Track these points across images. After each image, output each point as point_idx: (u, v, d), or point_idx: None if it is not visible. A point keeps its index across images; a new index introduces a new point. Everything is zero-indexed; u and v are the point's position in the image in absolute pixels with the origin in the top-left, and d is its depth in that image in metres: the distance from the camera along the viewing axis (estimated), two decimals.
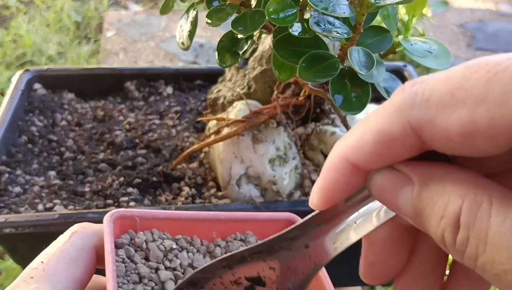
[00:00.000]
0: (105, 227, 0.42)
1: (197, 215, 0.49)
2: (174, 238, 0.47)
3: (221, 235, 0.50)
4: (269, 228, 0.51)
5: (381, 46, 0.60)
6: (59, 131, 0.86)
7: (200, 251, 0.48)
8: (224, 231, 0.50)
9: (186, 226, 0.48)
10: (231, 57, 0.65)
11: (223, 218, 0.50)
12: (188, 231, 0.48)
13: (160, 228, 0.47)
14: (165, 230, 0.47)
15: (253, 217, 0.52)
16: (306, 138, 0.74)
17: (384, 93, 0.63)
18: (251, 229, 0.51)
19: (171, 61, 2.10)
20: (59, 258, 0.39)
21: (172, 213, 0.49)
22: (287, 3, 0.57)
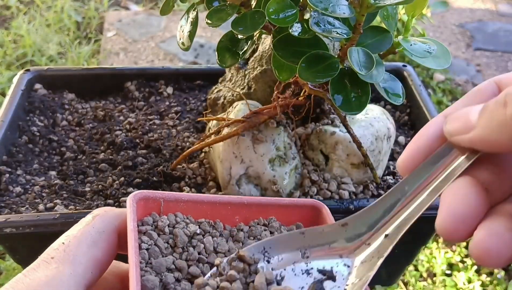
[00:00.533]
0: (128, 206, 0.41)
1: (220, 198, 0.48)
2: (197, 221, 0.46)
3: (244, 220, 0.49)
4: (293, 215, 0.50)
5: (381, 46, 0.60)
6: (60, 131, 0.86)
7: (223, 235, 0.47)
8: (247, 215, 0.49)
9: (209, 210, 0.47)
10: (231, 57, 0.65)
11: (246, 202, 0.49)
12: (211, 215, 0.47)
13: (183, 211, 0.46)
14: (188, 213, 0.46)
15: (277, 202, 0.51)
16: (306, 138, 0.74)
17: (383, 93, 0.63)
18: (274, 215, 0.50)
19: (171, 61, 2.10)
20: (81, 240, 0.39)
21: (195, 196, 0.48)
22: (287, 4, 0.58)
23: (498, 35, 2.49)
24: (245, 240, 0.48)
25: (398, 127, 0.91)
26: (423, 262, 1.38)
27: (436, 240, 1.45)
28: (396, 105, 0.91)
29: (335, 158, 0.72)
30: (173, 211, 0.45)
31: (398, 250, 0.80)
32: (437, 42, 0.63)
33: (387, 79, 0.65)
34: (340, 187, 0.72)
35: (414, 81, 0.93)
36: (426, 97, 0.89)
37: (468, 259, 1.39)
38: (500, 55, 2.33)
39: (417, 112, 0.89)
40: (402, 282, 1.34)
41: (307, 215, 0.52)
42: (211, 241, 0.45)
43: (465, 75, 2.17)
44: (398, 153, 0.83)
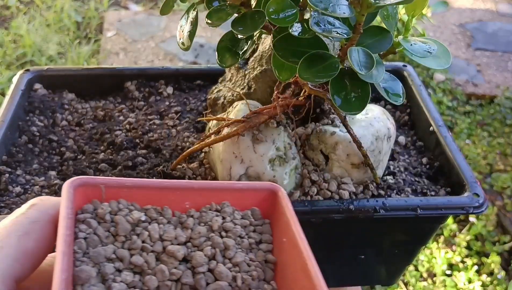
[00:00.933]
0: (63, 193, 0.39)
1: (168, 183, 0.46)
2: (143, 208, 0.44)
3: (195, 206, 0.47)
4: (248, 199, 0.48)
5: (381, 46, 0.60)
6: (60, 131, 0.86)
7: (171, 222, 0.45)
8: (199, 201, 0.47)
9: (156, 196, 0.45)
10: (231, 57, 0.65)
11: (197, 187, 0.47)
12: (158, 201, 0.45)
13: (128, 197, 0.44)
14: (134, 200, 0.44)
15: (230, 186, 0.49)
16: (306, 138, 0.74)
17: (383, 93, 0.63)
18: (228, 199, 0.48)
19: (171, 61, 2.10)
20: (10, 231, 0.37)
21: (140, 181, 0.45)
22: (287, 3, 0.58)
23: (498, 35, 2.49)
24: (195, 226, 0.46)
25: (398, 127, 0.91)
26: (423, 262, 1.38)
27: (436, 240, 1.45)
28: (396, 105, 0.91)
29: (335, 158, 0.72)
30: (117, 197, 0.43)
31: (398, 250, 0.80)
32: (437, 42, 0.63)
33: (387, 79, 0.65)
34: (340, 187, 0.72)
35: (414, 81, 0.93)
36: (426, 97, 0.89)
37: (469, 259, 1.39)
38: (500, 55, 2.33)
39: (417, 112, 0.89)
40: (402, 282, 1.34)
41: (263, 199, 0.49)
42: (157, 229, 0.43)
43: (465, 75, 2.17)
44: (398, 153, 0.83)
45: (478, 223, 1.47)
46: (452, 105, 1.98)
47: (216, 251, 0.45)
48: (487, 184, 1.64)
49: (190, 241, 0.45)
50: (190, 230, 0.45)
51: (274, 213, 0.50)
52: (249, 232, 0.49)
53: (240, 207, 0.48)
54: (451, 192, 0.76)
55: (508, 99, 2.02)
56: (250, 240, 0.48)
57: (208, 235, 0.46)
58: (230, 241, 0.46)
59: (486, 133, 1.86)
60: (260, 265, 0.47)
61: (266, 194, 0.49)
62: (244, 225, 0.48)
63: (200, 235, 0.45)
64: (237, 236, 0.47)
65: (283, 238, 0.47)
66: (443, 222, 0.77)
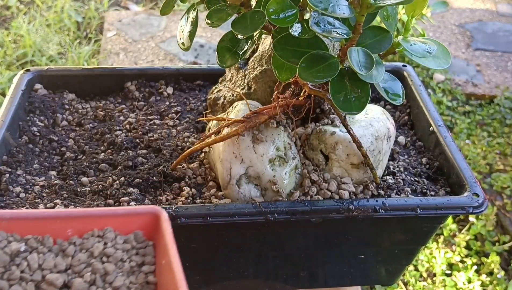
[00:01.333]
0: None
1: (48, 213, 0.48)
2: (23, 238, 0.46)
3: (78, 233, 0.49)
4: (131, 223, 0.51)
5: (381, 46, 0.60)
6: (60, 131, 0.86)
7: (52, 251, 0.47)
8: (81, 228, 0.49)
9: (37, 226, 0.47)
10: (231, 57, 0.65)
11: (77, 215, 0.49)
12: (39, 231, 0.47)
13: (8, 229, 0.45)
14: (14, 231, 0.46)
15: (112, 212, 0.51)
16: (306, 138, 0.74)
17: (383, 93, 0.63)
18: (110, 225, 0.50)
19: (171, 61, 2.11)
20: None
21: (19, 213, 0.47)
22: (287, 4, 0.58)
23: (498, 35, 2.49)
24: (76, 253, 0.48)
25: (398, 127, 0.91)
26: (423, 262, 1.38)
27: (436, 240, 1.45)
28: (396, 105, 0.91)
29: (335, 158, 0.72)
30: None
31: (398, 250, 0.81)
32: (437, 42, 0.63)
33: (387, 79, 0.65)
34: (340, 187, 0.72)
35: (414, 81, 0.93)
36: (426, 97, 0.89)
37: (468, 259, 1.40)
38: (500, 55, 2.33)
39: (417, 112, 0.89)
40: (402, 282, 1.34)
41: (146, 222, 0.52)
42: (36, 258, 0.45)
43: (465, 75, 2.17)
44: (398, 153, 0.83)
45: (478, 223, 1.47)
46: (451, 105, 1.98)
47: (96, 277, 0.47)
48: (486, 184, 1.64)
49: (71, 268, 0.47)
50: (70, 258, 0.47)
51: (157, 235, 0.52)
52: (131, 255, 0.51)
53: (123, 231, 0.51)
54: (450, 192, 0.76)
55: (508, 99, 2.02)
56: (131, 263, 0.50)
57: (88, 262, 0.48)
58: (110, 266, 0.48)
59: (486, 133, 1.86)
60: (141, 287, 0.49)
61: (150, 218, 0.52)
62: (126, 249, 0.51)
63: (80, 262, 0.48)
64: (118, 261, 0.49)
65: (162, 261, 0.50)
66: (443, 222, 0.77)
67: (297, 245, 0.76)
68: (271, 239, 0.74)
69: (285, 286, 0.83)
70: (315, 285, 0.83)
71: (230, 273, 0.78)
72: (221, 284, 0.80)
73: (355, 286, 0.91)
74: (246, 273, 0.79)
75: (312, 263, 0.79)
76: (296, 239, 0.75)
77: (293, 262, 0.79)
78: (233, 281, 0.80)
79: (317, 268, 0.80)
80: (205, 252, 0.74)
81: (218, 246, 0.74)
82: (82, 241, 0.49)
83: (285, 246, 0.76)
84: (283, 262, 0.78)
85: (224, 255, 0.75)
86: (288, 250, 0.76)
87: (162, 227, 0.51)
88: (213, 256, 0.75)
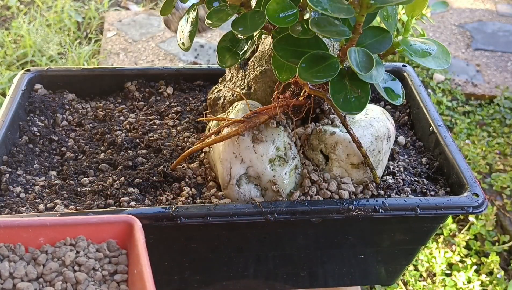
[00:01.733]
0: None
1: (19, 222, 0.48)
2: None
3: (50, 241, 0.49)
4: (104, 232, 0.51)
5: (381, 46, 0.60)
6: (60, 131, 0.86)
7: (24, 259, 0.47)
8: (53, 236, 0.49)
9: (9, 234, 0.47)
10: (231, 57, 0.65)
11: (49, 224, 0.49)
12: (11, 239, 0.47)
13: None
14: None
15: (85, 221, 0.51)
16: (306, 138, 0.74)
17: (383, 93, 0.63)
18: (84, 234, 0.51)
19: (171, 61, 2.11)
20: None
21: None
22: (287, 4, 0.58)
23: (498, 35, 2.49)
24: (47, 262, 0.48)
25: (398, 127, 0.91)
26: (423, 262, 1.38)
27: (436, 240, 1.45)
28: (396, 105, 0.91)
29: (335, 158, 0.73)
30: None
31: (398, 250, 0.81)
32: (437, 42, 0.63)
33: (386, 80, 0.65)
34: (340, 187, 0.72)
35: (414, 81, 0.93)
36: (426, 97, 0.89)
37: (468, 259, 1.40)
38: (499, 55, 2.33)
39: (417, 112, 0.89)
40: (402, 282, 1.34)
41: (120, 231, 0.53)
42: (7, 267, 0.45)
43: (465, 75, 2.17)
44: (398, 153, 0.83)
45: (478, 223, 1.47)
46: (451, 105, 1.98)
47: (68, 286, 0.47)
48: (486, 184, 1.64)
49: (42, 276, 0.47)
50: (42, 266, 0.47)
51: (130, 244, 0.52)
52: (104, 264, 0.51)
53: (97, 240, 0.51)
54: (450, 192, 0.76)
55: (508, 99, 2.02)
56: (104, 272, 0.51)
57: (60, 270, 0.48)
58: (82, 275, 0.48)
59: (486, 133, 1.86)
60: None
61: (123, 226, 0.52)
62: (98, 257, 0.51)
63: (51, 271, 0.48)
64: (90, 269, 0.50)
65: (134, 270, 0.50)
66: (443, 222, 0.77)
67: (297, 245, 0.76)
68: (271, 239, 0.74)
69: (285, 286, 0.83)
70: (315, 285, 0.83)
71: (230, 273, 0.78)
72: (221, 284, 0.80)
73: (355, 286, 0.91)
74: (246, 273, 0.79)
75: (312, 263, 0.79)
76: (296, 239, 0.75)
77: (293, 262, 0.79)
78: (233, 281, 0.80)
79: (317, 268, 0.80)
80: (205, 252, 0.74)
81: (218, 246, 0.74)
82: (54, 250, 0.49)
83: (285, 246, 0.76)
84: (283, 262, 0.78)
85: (224, 255, 0.75)
86: (288, 250, 0.76)
87: (136, 236, 0.51)
88: (213, 256, 0.75)
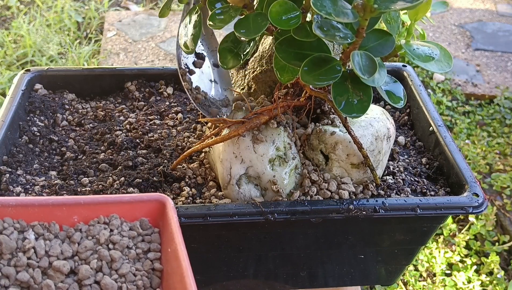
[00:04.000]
0: None
1: (53, 200, 0.49)
2: (29, 225, 0.46)
3: (84, 219, 0.50)
4: (137, 210, 0.51)
5: (383, 49, 0.60)
6: (60, 131, 0.86)
7: (58, 237, 0.47)
8: (87, 215, 0.50)
9: (43, 212, 0.47)
10: (233, 59, 0.65)
11: (83, 202, 0.50)
12: (45, 217, 0.47)
13: (13, 216, 0.46)
14: (20, 217, 0.46)
15: (118, 199, 0.52)
16: (306, 138, 0.75)
17: (385, 95, 0.63)
18: (117, 212, 0.51)
19: (171, 61, 2.10)
20: None
21: (25, 200, 0.47)
22: (290, 6, 0.57)
23: (498, 35, 2.49)
24: (82, 240, 0.48)
25: (398, 127, 0.91)
26: (423, 262, 1.38)
27: (436, 240, 1.45)
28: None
29: (335, 158, 0.73)
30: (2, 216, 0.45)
31: (398, 250, 0.81)
32: (439, 46, 0.63)
33: (388, 82, 0.65)
34: (340, 187, 0.72)
35: (414, 81, 0.93)
36: (426, 97, 0.89)
37: (468, 259, 1.40)
38: (499, 55, 2.33)
39: (416, 112, 0.90)
40: (402, 282, 1.34)
41: (152, 209, 0.53)
42: (43, 245, 0.45)
43: (465, 75, 2.17)
44: (398, 153, 0.83)
45: (478, 223, 1.47)
46: (451, 105, 1.98)
47: (103, 264, 0.48)
48: (486, 184, 1.64)
49: (77, 254, 0.48)
50: (77, 244, 0.48)
51: (163, 222, 0.53)
52: (137, 243, 0.51)
53: (129, 219, 0.51)
54: (450, 192, 0.76)
55: (508, 99, 2.02)
56: (137, 250, 0.51)
57: (95, 248, 0.49)
58: (116, 253, 0.49)
59: (486, 133, 1.86)
60: (147, 274, 0.49)
61: (155, 205, 0.52)
62: (132, 236, 0.51)
63: (86, 249, 0.48)
64: (124, 248, 0.50)
65: (168, 248, 0.50)
66: (443, 222, 0.77)
67: (297, 245, 0.76)
68: (271, 239, 0.74)
69: (285, 286, 0.83)
70: (315, 285, 0.83)
71: (230, 273, 0.78)
72: (221, 284, 0.80)
73: (355, 286, 0.91)
74: (246, 273, 0.79)
75: (312, 263, 0.79)
76: (296, 239, 0.75)
77: (293, 262, 0.79)
78: (233, 281, 0.80)
79: (317, 268, 0.80)
80: (205, 252, 0.74)
81: (218, 246, 0.74)
82: (88, 228, 0.49)
83: (285, 246, 0.76)
84: (283, 262, 0.79)
85: (224, 255, 0.75)
86: (288, 250, 0.76)
87: (168, 214, 0.51)
88: (213, 256, 0.75)
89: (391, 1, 0.51)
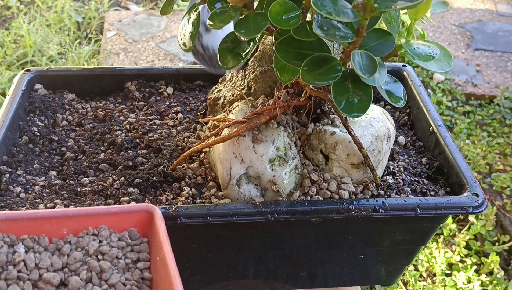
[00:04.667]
0: None
1: (42, 213, 0.49)
2: (19, 238, 0.47)
3: (73, 231, 0.50)
4: (125, 221, 0.52)
5: (383, 49, 0.60)
6: (60, 131, 0.86)
7: (48, 250, 0.48)
8: (76, 227, 0.51)
9: (32, 226, 0.48)
10: (233, 59, 0.65)
11: (72, 215, 0.50)
12: (35, 230, 0.48)
13: (3, 230, 0.46)
14: (10, 231, 0.47)
15: (106, 211, 0.53)
16: (306, 138, 0.75)
17: (385, 95, 0.63)
18: (105, 223, 0.52)
19: (171, 61, 2.10)
20: None
21: (13, 214, 0.48)
22: (290, 6, 0.57)
23: (498, 35, 2.49)
24: (71, 252, 0.49)
25: (398, 127, 0.91)
26: (423, 262, 1.38)
27: (436, 240, 1.45)
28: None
29: (335, 158, 0.73)
30: None
31: (398, 250, 0.81)
32: (439, 45, 0.63)
33: (388, 82, 0.65)
34: (340, 187, 0.72)
35: (414, 81, 0.93)
36: (426, 97, 0.89)
37: (468, 259, 1.40)
38: (499, 55, 2.33)
39: (416, 112, 0.90)
40: (402, 282, 1.34)
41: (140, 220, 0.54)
42: (32, 258, 0.46)
43: (464, 75, 2.17)
44: (398, 153, 0.83)
45: (478, 223, 1.47)
46: (451, 105, 1.98)
47: (93, 274, 0.48)
48: (486, 184, 1.64)
49: (67, 266, 0.48)
50: (66, 256, 0.48)
51: (151, 232, 0.53)
52: (126, 253, 0.52)
53: (118, 229, 0.52)
54: (450, 192, 0.76)
55: (508, 99, 2.02)
56: (127, 260, 0.51)
57: (84, 260, 0.49)
58: (106, 263, 0.49)
59: (486, 133, 1.86)
60: (136, 283, 0.50)
61: (143, 215, 0.53)
62: (121, 246, 0.52)
63: (76, 261, 0.49)
64: (113, 258, 0.50)
65: (157, 257, 0.51)
66: (443, 222, 0.77)
67: (297, 245, 0.76)
68: (271, 239, 0.74)
69: (285, 286, 0.83)
70: (315, 285, 0.83)
71: (230, 273, 0.78)
72: (221, 284, 0.80)
73: (355, 286, 0.91)
74: (246, 273, 0.79)
75: (312, 263, 0.79)
76: (296, 239, 0.75)
77: (293, 262, 0.79)
78: (233, 281, 0.80)
79: (317, 268, 0.80)
80: (205, 252, 0.74)
81: (218, 246, 0.74)
82: (77, 240, 0.50)
83: (285, 246, 0.76)
84: (283, 262, 0.78)
85: (224, 255, 0.75)
86: (288, 250, 0.76)
87: (156, 224, 0.52)
88: (213, 256, 0.75)
89: (391, 0, 0.51)
